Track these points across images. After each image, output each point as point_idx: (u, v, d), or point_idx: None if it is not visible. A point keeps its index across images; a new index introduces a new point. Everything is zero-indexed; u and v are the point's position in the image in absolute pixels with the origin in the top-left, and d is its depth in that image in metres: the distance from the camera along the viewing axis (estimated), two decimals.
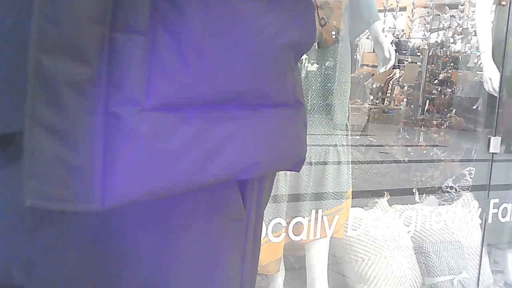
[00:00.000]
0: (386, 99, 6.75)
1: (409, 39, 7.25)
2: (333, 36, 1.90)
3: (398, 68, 6.58)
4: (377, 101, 6.66)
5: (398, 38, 7.11)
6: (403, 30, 7.40)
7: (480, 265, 2.43)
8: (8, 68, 0.48)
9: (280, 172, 1.63)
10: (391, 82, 6.64)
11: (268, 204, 0.64)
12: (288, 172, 1.72)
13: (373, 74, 6.18)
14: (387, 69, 2.22)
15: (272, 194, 0.65)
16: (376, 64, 2.28)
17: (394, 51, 2.23)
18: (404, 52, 6.91)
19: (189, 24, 0.47)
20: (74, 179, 0.43)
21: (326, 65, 1.93)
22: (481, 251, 2.44)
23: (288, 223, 1.88)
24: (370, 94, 6.35)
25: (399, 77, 6.49)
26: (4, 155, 0.54)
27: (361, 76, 6.17)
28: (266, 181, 0.62)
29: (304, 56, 1.91)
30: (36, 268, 0.52)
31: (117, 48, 0.44)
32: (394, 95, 6.59)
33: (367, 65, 6.77)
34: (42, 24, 0.42)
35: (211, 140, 0.49)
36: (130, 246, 0.51)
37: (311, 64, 1.92)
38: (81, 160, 0.43)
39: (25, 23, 0.43)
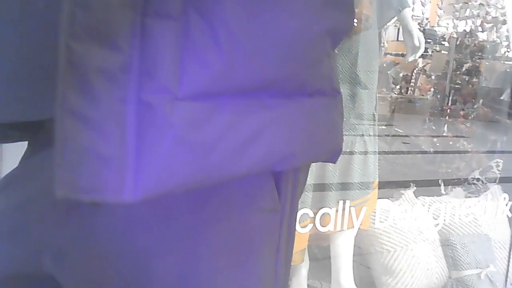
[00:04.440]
0: (410, 88, 6.65)
1: (435, 27, 7.12)
2: (362, 24, 1.86)
3: (425, 57, 6.46)
4: (402, 91, 6.57)
5: (423, 27, 6.99)
6: (427, 19, 7.27)
7: (508, 259, 2.38)
8: (40, 53, 0.46)
9: None
10: (415, 71, 6.54)
11: None
12: None
13: (397, 63, 6.09)
14: (417, 57, 2.18)
15: None
16: (400, 52, 2.24)
17: (424, 39, 2.19)
18: (429, 41, 6.80)
19: (223, 8, 0.44)
20: (106, 170, 0.42)
21: (353, 53, 1.89)
22: (510, 244, 2.40)
23: (315, 214, 1.86)
24: (393, 83, 6.27)
25: (423, 66, 6.38)
26: (33, 142, 0.53)
27: (385, 65, 6.08)
28: (301, 172, 0.60)
29: None
30: (66, 258, 0.51)
31: (149, 34, 0.42)
32: (420, 84, 6.49)
33: (391, 54, 6.68)
34: (72, 10, 0.40)
35: (245, 130, 0.47)
36: (161, 238, 0.50)
37: (338, 52, 1.88)
38: (113, 150, 0.42)
39: (57, 5, 0.41)
